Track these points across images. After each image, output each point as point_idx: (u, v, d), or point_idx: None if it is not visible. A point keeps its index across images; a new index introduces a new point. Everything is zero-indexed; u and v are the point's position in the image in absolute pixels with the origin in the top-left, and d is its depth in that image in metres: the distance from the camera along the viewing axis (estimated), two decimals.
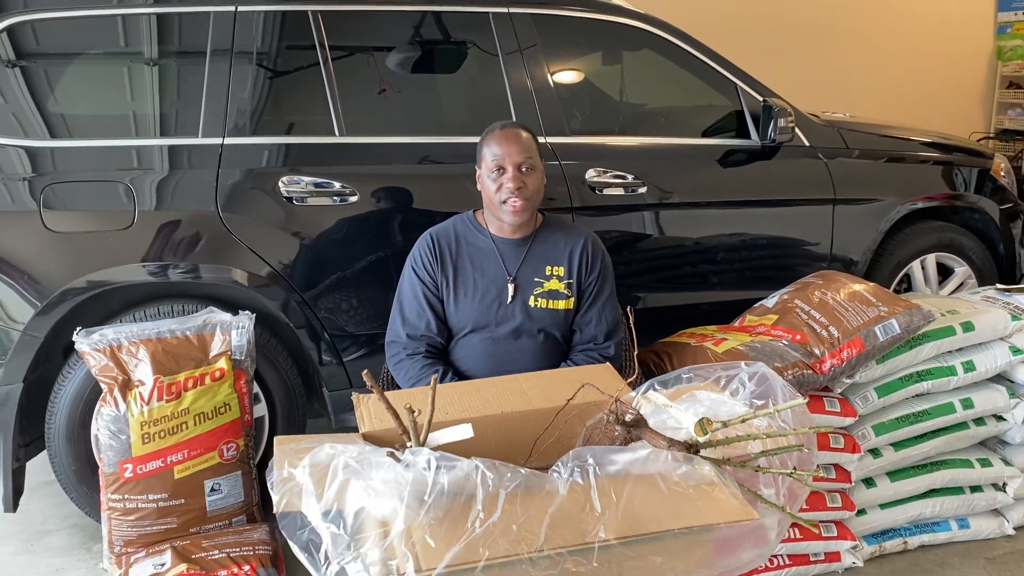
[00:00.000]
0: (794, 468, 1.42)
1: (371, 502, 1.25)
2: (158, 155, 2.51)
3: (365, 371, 1.43)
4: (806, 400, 1.45)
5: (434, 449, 1.38)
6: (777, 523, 1.37)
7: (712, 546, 1.29)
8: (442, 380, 2.10)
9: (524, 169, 2.13)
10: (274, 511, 1.29)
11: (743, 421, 1.41)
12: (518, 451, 1.58)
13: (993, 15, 6.44)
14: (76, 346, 2.34)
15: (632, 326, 1.91)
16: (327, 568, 1.22)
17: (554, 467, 1.38)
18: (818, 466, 2.30)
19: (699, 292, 3.09)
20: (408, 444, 1.43)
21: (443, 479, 1.27)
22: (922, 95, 6.10)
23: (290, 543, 1.26)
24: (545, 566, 1.21)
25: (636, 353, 2.50)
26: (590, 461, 1.36)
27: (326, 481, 1.29)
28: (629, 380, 1.69)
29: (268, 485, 1.34)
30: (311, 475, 1.31)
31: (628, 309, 2.14)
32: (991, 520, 2.57)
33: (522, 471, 1.33)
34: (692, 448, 1.41)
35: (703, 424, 1.38)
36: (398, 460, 1.31)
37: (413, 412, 1.35)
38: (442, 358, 2.21)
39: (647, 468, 1.35)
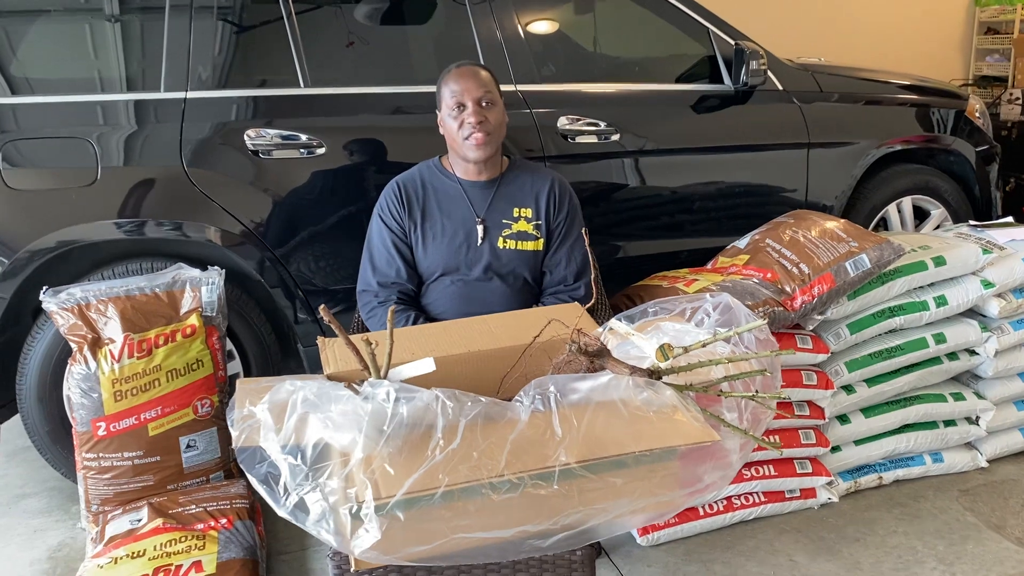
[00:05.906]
0: (756, 391, 1.42)
1: (330, 434, 1.25)
2: (121, 110, 2.46)
3: (322, 306, 1.41)
4: (765, 321, 1.44)
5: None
6: (739, 446, 1.37)
7: (673, 468, 1.29)
8: (413, 323, 2.09)
9: (484, 104, 2.12)
10: (232, 445, 1.28)
11: (704, 346, 1.40)
12: (486, 389, 1.56)
13: None
14: (43, 305, 2.30)
15: (589, 247, 1.92)
16: (286, 499, 1.21)
17: (516, 397, 1.38)
18: (791, 403, 2.31)
19: (676, 240, 3.06)
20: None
21: (402, 409, 1.27)
22: (901, 43, 6.06)
23: (249, 477, 1.25)
24: (505, 490, 1.21)
25: (610, 300, 2.50)
26: (551, 389, 1.35)
27: (284, 415, 1.28)
28: (589, 305, 1.68)
29: (228, 422, 1.32)
30: (270, 411, 1.30)
31: (583, 231, 2.14)
32: (965, 453, 2.59)
33: (483, 400, 1.32)
34: (655, 375, 1.40)
35: (664, 350, 1.37)
36: (357, 393, 1.30)
37: (371, 344, 1.34)
38: (414, 304, 2.20)
39: (608, 394, 1.34)
